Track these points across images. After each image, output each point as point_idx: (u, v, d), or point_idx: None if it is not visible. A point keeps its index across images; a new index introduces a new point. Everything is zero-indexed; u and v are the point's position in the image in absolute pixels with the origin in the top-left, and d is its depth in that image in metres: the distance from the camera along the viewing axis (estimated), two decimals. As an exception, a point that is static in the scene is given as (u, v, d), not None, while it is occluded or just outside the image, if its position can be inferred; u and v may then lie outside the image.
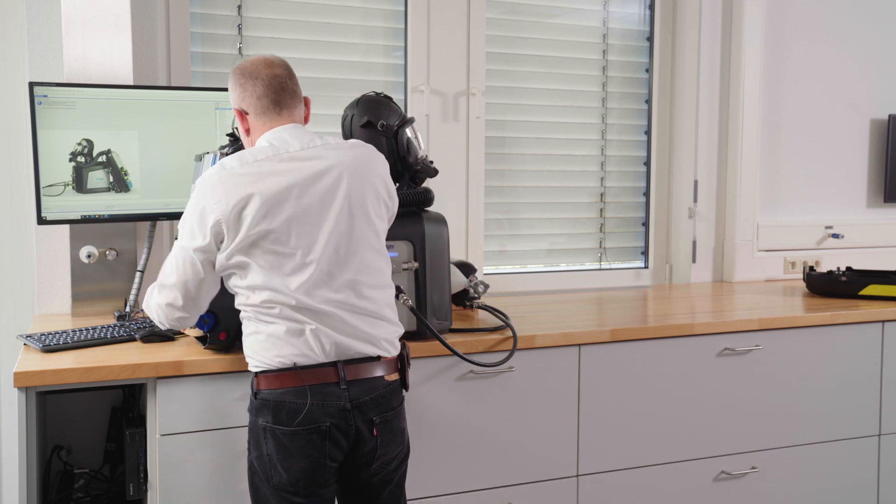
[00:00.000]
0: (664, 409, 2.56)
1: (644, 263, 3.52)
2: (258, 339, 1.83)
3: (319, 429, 1.80)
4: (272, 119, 1.92)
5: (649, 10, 3.44)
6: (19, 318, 2.68)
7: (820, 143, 3.67)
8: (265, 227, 1.78)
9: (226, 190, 1.78)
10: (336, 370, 1.81)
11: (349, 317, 1.83)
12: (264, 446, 1.82)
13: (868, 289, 3.02)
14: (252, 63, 1.94)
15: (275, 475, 1.81)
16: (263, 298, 1.79)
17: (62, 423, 2.49)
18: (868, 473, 2.88)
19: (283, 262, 1.79)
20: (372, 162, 1.95)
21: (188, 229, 1.83)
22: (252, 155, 1.85)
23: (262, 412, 1.82)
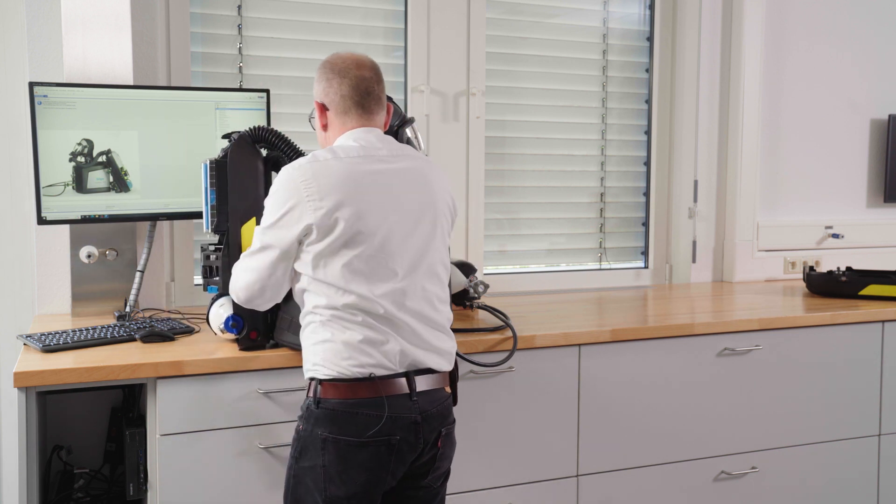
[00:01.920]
0: (664, 409, 2.56)
1: (644, 263, 3.52)
2: (331, 346, 1.76)
3: (389, 442, 1.75)
4: (353, 120, 1.89)
5: (649, 10, 3.44)
6: (19, 318, 2.68)
7: (820, 143, 3.67)
8: (357, 228, 1.75)
9: (320, 185, 1.75)
10: (408, 381, 1.78)
11: (423, 329, 1.81)
12: (322, 457, 1.74)
13: (868, 289, 3.02)
14: (343, 60, 1.90)
15: (331, 487, 1.74)
16: (347, 302, 1.75)
17: (62, 423, 2.49)
18: (868, 473, 2.88)
19: (373, 268, 1.76)
20: (444, 178, 1.96)
21: (273, 218, 1.78)
22: (344, 151, 1.81)
23: (323, 422, 1.75)
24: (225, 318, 2.08)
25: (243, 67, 2.85)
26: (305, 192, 1.75)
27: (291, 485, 1.82)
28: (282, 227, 1.77)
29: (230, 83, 2.83)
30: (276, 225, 1.78)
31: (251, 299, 1.88)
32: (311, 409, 1.78)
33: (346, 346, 1.76)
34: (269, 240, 1.80)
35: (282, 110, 2.83)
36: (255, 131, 2.12)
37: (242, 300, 1.90)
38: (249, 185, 2.10)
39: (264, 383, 2.08)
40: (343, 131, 1.90)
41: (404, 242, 1.80)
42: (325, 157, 1.80)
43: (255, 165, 2.11)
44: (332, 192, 1.75)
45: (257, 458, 2.09)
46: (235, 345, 2.15)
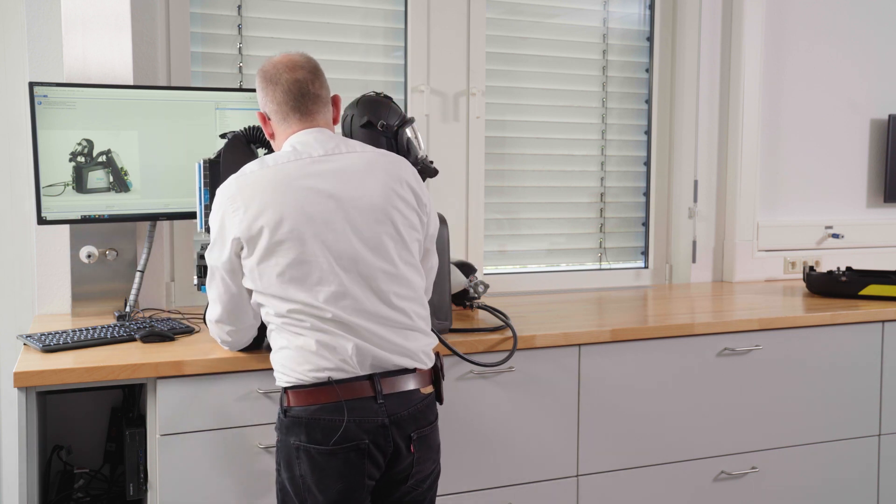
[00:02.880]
0: (664, 409, 2.56)
1: (644, 263, 3.52)
2: (287, 353, 1.75)
3: (358, 447, 1.72)
4: (294, 124, 1.87)
5: (649, 10, 3.44)
6: (19, 318, 2.68)
7: (820, 143, 3.67)
8: (284, 235, 1.72)
9: (244, 198, 1.75)
10: (372, 384, 1.74)
11: (382, 329, 1.77)
12: (297, 467, 1.73)
13: (868, 289, 3.02)
14: (274, 66, 1.87)
15: (309, 497, 1.73)
16: (290, 308, 1.73)
17: (62, 423, 2.49)
18: (868, 473, 2.88)
19: (308, 272, 1.73)
20: (398, 170, 1.88)
21: (211, 240, 1.82)
22: (273, 159, 1.80)
23: (293, 430, 1.73)
24: None
25: (243, 67, 2.85)
26: (231, 206, 1.75)
27: (279, 496, 1.81)
28: (217, 246, 1.80)
29: (230, 83, 2.83)
30: (213, 246, 1.81)
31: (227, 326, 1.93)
32: (281, 417, 1.78)
33: (302, 352, 1.73)
34: (212, 262, 1.83)
35: (282, 110, 2.83)
36: (250, 131, 2.12)
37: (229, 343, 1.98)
38: None
39: (264, 383, 2.08)
40: (288, 135, 1.88)
41: (339, 243, 1.75)
42: (251, 169, 1.80)
43: None
44: (255, 202, 1.73)
45: (257, 458, 2.09)
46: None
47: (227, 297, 1.85)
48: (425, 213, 1.91)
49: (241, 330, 1.94)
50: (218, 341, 2.02)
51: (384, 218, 1.80)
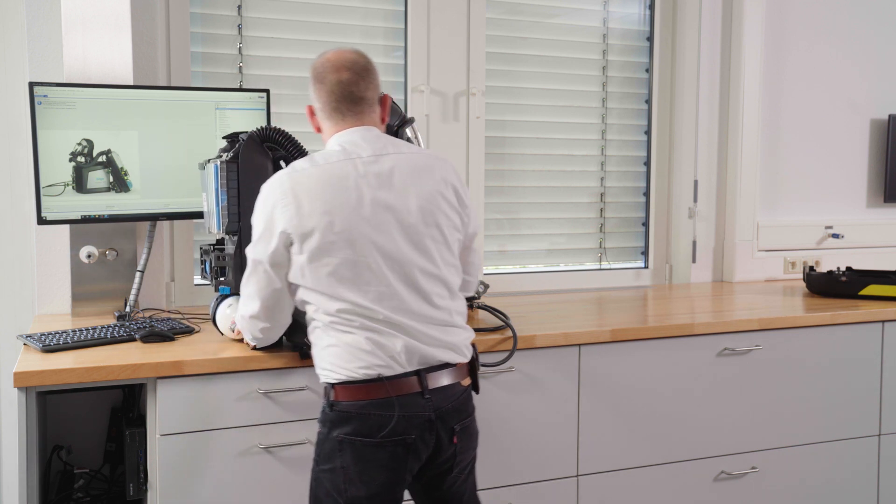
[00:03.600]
0: (664, 409, 2.56)
1: (644, 263, 3.52)
2: (336, 350, 1.77)
3: (405, 441, 1.76)
4: (338, 123, 1.88)
5: (649, 10, 3.44)
6: (19, 318, 2.68)
7: (820, 143, 3.67)
8: (336, 235, 1.74)
9: (296, 195, 1.76)
10: (419, 379, 1.78)
11: (425, 327, 1.80)
12: (339, 458, 1.76)
13: (868, 289, 3.02)
14: (322, 64, 1.88)
15: (351, 488, 1.76)
16: (340, 308, 1.75)
17: (62, 423, 2.49)
18: (868, 473, 2.88)
19: (359, 273, 1.75)
20: (443, 171, 1.89)
21: (256, 235, 1.80)
22: (324, 157, 1.82)
23: (339, 424, 1.76)
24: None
25: (243, 67, 2.85)
26: (283, 201, 1.76)
27: (313, 487, 1.84)
28: (263, 240, 1.79)
29: (230, 83, 2.83)
30: (259, 240, 1.80)
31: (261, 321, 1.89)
32: (327, 412, 1.80)
33: (352, 349, 1.76)
34: (256, 255, 1.81)
35: (282, 110, 2.83)
36: (263, 131, 2.11)
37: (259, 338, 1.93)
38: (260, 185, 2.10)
39: (264, 383, 2.08)
40: (334, 132, 1.89)
41: (387, 245, 1.78)
42: (302, 166, 1.81)
43: (265, 165, 2.11)
44: (307, 200, 1.75)
45: (257, 458, 2.09)
46: (241, 345, 2.15)
47: (268, 292, 1.83)
48: (466, 214, 1.94)
49: (275, 327, 1.91)
50: (247, 338, 1.97)
51: (430, 220, 1.83)
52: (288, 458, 2.12)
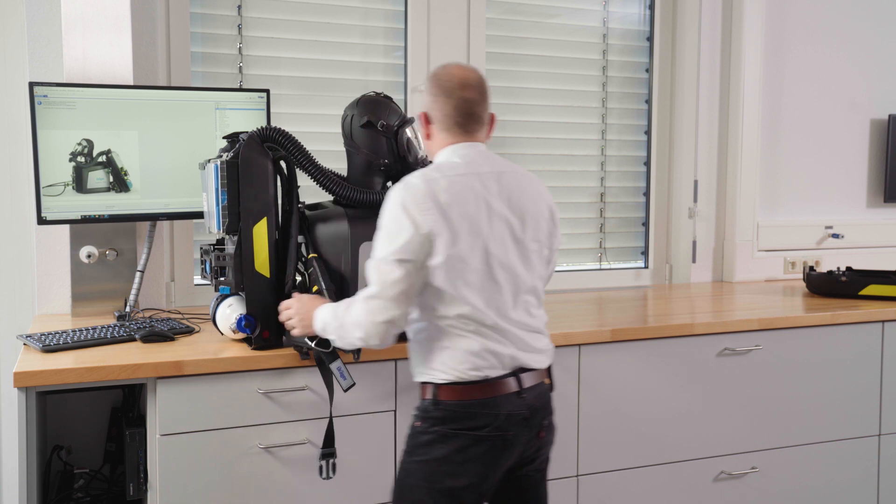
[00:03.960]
0: (664, 409, 2.56)
1: (644, 263, 3.52)
2: (451, 353, 1.85)
3: (504, 437, 1.85)
4: (455, 136, 1.95)
5: (649, 10, 3.44)
6: (19, 318, 2.68)
7: (820, 143, 3.67)
8: (466, 243, 1.82)
9: (435, 201, 1.81)
10: (517, 380, 1.88)
11: (524, 335, 1.90)
12: (439, 450, 1.84)
13: (868, 289, 3.02)
14: (450, 79, 1.93)
15: (447, 479, 1.83)
16: (461, 313, 1.83)
17: (62, 423, 2.49)
18: (868, 473, 2.88)
19: (481, 281, 1.84)
20: (541, 189, 2.01)
21: (393, 236, 1.81)
22: (450, 169, 1.88)
23: (443, 421, 1.84)
24: (236, 318, 2.09)
25: (243, 67, 2.85)
26: (425, 204, 1.80)
27: (401, 477, 1.90)
28: (403, 240, 1.79)
29: (230, 83, 2.83)
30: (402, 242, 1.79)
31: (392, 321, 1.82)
32: (429, 409, 1.86)
33: (465, 353, 1.84)
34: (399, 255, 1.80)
35: (282, 110, 2.83)
36: (264, 131, 2.11)
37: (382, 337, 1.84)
38: (261, 185, 2.10)
39: (264, 383, 2.09)
40: (445, 145, 1.95)
41: (503, 256, 1.87)
42: (433, 175, 1.85)
43: (266, 165, 2.11)
44: (443, 208, 1.81)
45: (257, 458, 2.09)
46: (241, 344, 2.15)
47: (412, 293, 1.83)
48: (556, 232, 2.05)
49: (399, 327, 1.86)
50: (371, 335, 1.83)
51: (534, 236, 1.94)
52: (288, 458, 2.12)
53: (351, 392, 2.07)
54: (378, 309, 1.81)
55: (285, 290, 2.12)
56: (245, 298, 2.11)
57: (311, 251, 2.15)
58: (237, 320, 2.09)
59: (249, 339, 2.12)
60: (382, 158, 2.22)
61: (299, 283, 2.17)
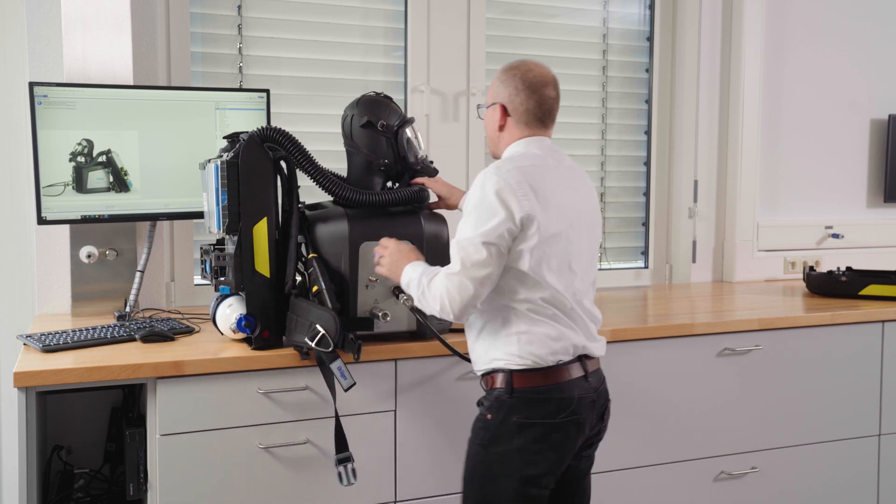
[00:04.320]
0: (664, 409, 2.56)
1: (644, 263, 3.52)
2: (527, 337, 1.89)
3: (577, 421, 1.92)
4: (532, 130, 2.01)
5: (649, 10, 3.44)
6: (19, 318, 2.68)
7: (820, 143, 3.67)
8: (552, 230, 1.88)
9: (528, 187, 1.86)
10: (582, 365, 1.95)
11: (588, 323, 1.99)
12: (518, 440, 1.88)
13: (868, 289, 3.02)
14: (535, 75, 1.99)
15: (527, 468, 1.88)
16: (543, 296, 1.88)
17: (62, 423, 2.49)
18: (868, 473, 2.88)
19: (562, 267, 1.90)
20: (592, 186, 2.09)
21: (486, 218, 1.85)
22: (538, 158, 1.95)
23: (517, 408, 1.88)
24: (236, 318, 2.09)
25: (243, 67, 2.85)
26: (519, 190, 1.85)
27: (480, 470, 1.92)
28: (496, 222, 1.84)
29: (230, 83, 2.83)
30: (493, 223, 1.84)
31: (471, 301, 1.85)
32: (503, 398, 1.89)
33: (544, 338, 1.89)
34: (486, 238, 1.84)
35: (282, 110, 2.83)
36: (264, 131, 2.11)
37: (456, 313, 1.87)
38: (260, 185, 2.10)
39: (264, 383, 2.09)
40: (518, 137, 2.00)
41: (580, 244, 1.95)
42: (524, 163, 1.91)
43: (266, 166, 2.11)
44: (536, 194, 1.87)
45: (257, 458, 2.09)
46: (241, 344, 2.15)
47: (496, 274, 1.86)
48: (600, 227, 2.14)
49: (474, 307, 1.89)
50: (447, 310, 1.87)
51: (596, 229, 2.05)
52: (288, 458, 2.12)
53: (351, 392, 2.06)
54: (457, 286, 1.85)
55: (285, 290, 2.12)
56: (245, 298, 2.11)
57: (311, 251, 2.15)
58: (237, 320, 2.09)
59: (249, 339, 2.12)
60: (382, 158, 2.22)
61: (299, 282, 2.17)
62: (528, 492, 1.89)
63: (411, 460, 2.25)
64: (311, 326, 2.00)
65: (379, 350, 2.17)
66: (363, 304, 2.14)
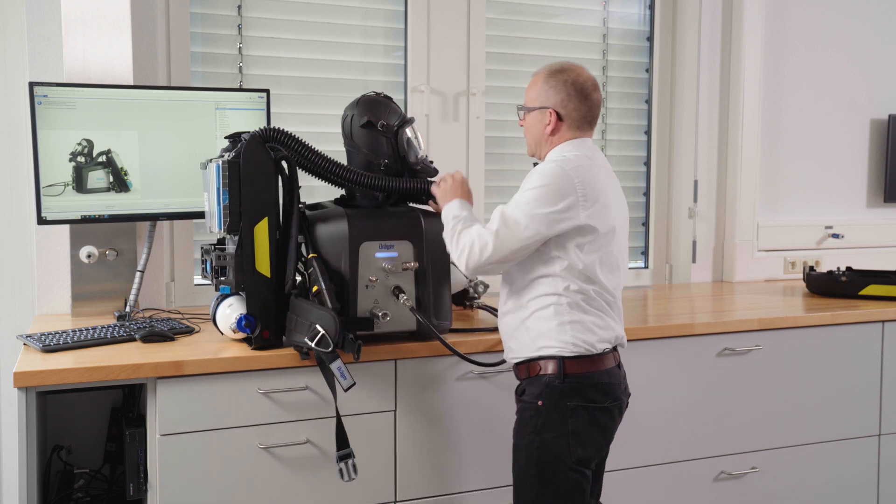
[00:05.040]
0: (664, 409, 2.56)
1: (644, 263, 3.52)
2: (579, 326, 1.99)
3: (620, 405, 2.06)
4: (581, 133, 2.09)
5: (649, 10, 3.44)
6: (19, 318, 2.68)
7: (820, 143, 3.67)
8: (606, 227, 1.99)
9: (585, 187, 1.96)
10: (614, 354, 2.07)
11: (621, 314, 2.11)
12: (571, 424, 1.97)
13: (868, 289, 3.02)
14: (585, 81, 2.07)
15: (578, 451, 1.98)
16: (595, 288, 1.99)
17: (62, 423, 2.49)
18: (868, 473, 2.88)
19: (611, 263, 2.02)
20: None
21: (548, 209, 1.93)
22: (592, 160, 2.04)
23: (569, 394, 1.97)
24: (236, 317, 2.09)
25: (243, 67, 2.85)
26: (580, 192, 1.95)
27: (535, 457, 1.99)
28: (555, 218, 1.94)
29: (230, 83, 2.83)
30: (550, 215, 1.93)
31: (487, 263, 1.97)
32: (554, 384, 1.98)
33: (595, 327, 2.00)
34: (540, 225, 1.94)
35: (282, 110, 2.83)
36: (266, 131, 2.11)
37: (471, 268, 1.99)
38: (262, 185, 2.10)
39: (264, 383, 2.09)
40: (568, 139, 2.07)
41: (623, 241, 2.08)
42: (580, 163, 2.00)
43: (267, 166, 2.11)
44: (592, 194, 1.97)
45: (257, 458, 2.09)
46: (241, 344, 2.15)
47: (527, 246, 1.95)
48: None
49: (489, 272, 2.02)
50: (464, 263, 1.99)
51: (628, 227, 2.16)
52: (288, 458, 2.12)
53: (351, 392, 2.06)
54: (486, 246, 1.95)
55: (285, 290, 2.12)
56: (245, 298, 2.11)
57: (311, 251, 2.15)
58: (237, 320, 2.09)
59: (249, 338, 2.12)
60: (382, 158, 2.22)
61: (299, 282, 2.17)
62: (578, 475, 1.99)
63: (411, 460, 2.25)
64: (311, 326, 1.99)
65: (379, 350, 2.17)
66: (363, 304, 2.14)
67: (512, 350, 2.07)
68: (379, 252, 2.14)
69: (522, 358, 2.03)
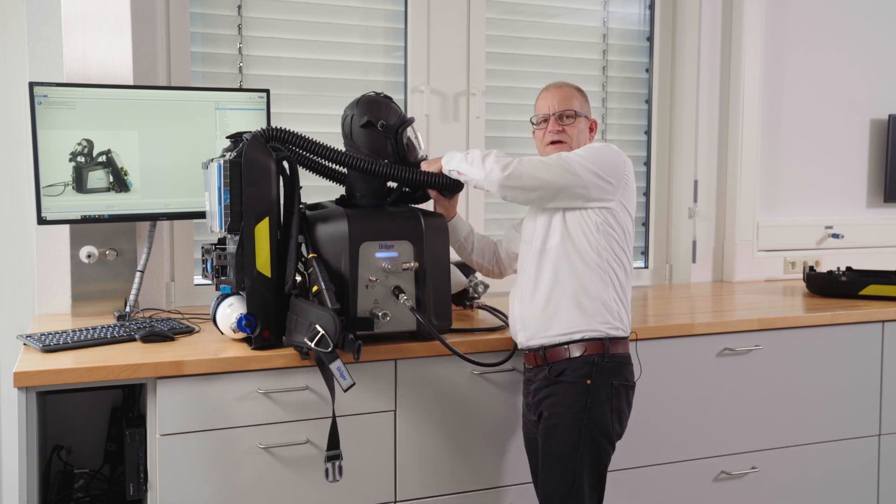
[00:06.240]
0: (664, 409, 2.56)
1: (644, 263, 3.52)
2: (618, 308, 2.12)
3: (634, 385, 2.18)
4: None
5: (649, 10, 3.44)
6: (19, 318, 2.68)
7: (820, 143, 3.67)
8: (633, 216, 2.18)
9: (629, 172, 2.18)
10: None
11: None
12: (614, 401, 2.10)
13: (868, 289, 3.02)
14: None
15: (618, 427, 2.12)
16: (627, 273, 2.15)
17: (62, 423, 2.49)
18: (868, 473, 2.88)
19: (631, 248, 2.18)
20: None
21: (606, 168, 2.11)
22: None
23: (613, 372, 2.10)
24: (236, 317, 2.09)
25: (243, 67, 2.85)
26: (628, 174, 2.16)
27: (587, 434, 2.08)
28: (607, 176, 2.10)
29: (230, 83, 2.83)
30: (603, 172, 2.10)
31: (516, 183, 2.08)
32: (600, 363, 2.09)
33: (628, 309, 2.16)
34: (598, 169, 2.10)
35: (282, 110, 2.83)
36: (268, 131, 2.11)
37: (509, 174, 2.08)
38: (263, 185, 2.10)
39: (264, 383, 2.09)
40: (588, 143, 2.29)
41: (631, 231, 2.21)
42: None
43: (269, 165, 2.11)
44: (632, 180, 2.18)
45: (257, 458, 2.09)
46: (241, 344, 2.15)
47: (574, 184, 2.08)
48: None
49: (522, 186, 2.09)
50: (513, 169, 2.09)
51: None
52: (288, 458, 2.12)
53: (351, 392, 2.06)
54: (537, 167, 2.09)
55: (285, 290, 2.12)
56: (246, 298, 2.11)
57: (311, 251, 2.15)
58: (237, 320, 2.09)
59: (249, 338, 2.12)
60: (382, 158, 2.22)
61: (299, 282, 2.17)
62: (613, 450, 2.13)
63: (411, 460, 2.25)
64: (311, 326, 1.99)
65: (379, 350, 2.17)
66: (363, 304, 2.14)
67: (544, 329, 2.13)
68: (379, 252, 2.14)
69: (567, 337, 2.10)
